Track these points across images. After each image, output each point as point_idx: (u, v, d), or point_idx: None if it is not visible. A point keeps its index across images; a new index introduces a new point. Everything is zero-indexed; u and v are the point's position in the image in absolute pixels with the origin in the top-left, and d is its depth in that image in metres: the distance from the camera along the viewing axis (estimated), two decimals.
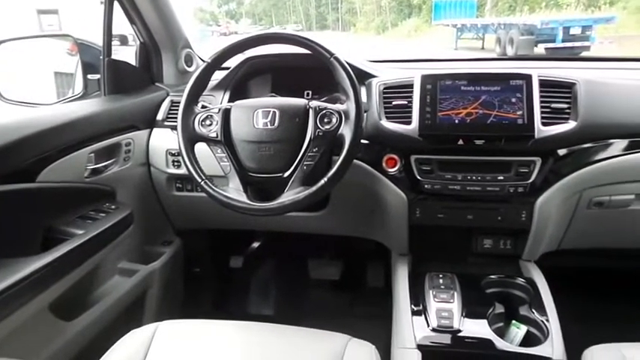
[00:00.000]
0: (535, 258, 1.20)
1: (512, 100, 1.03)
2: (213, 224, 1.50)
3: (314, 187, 0.93)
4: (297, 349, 0.88)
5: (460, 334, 0.96)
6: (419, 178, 1.10)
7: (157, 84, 1.46)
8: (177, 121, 1.01)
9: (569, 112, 1.04)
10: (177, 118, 1.02)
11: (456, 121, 1.05)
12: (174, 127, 1.29)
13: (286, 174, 0.97)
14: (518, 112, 1.03)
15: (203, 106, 1.05)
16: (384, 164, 1.13)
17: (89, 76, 1.40)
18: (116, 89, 1.32)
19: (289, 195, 0.94)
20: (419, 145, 1.08)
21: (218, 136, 0.99)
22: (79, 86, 1.42)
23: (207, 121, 1.00)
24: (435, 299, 1.04)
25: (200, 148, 1.01)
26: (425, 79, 1.08)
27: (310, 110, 0.97)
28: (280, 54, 1.31)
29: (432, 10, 15.59)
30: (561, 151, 1.06)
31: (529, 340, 0.98)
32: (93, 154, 1.14)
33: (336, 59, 0.97)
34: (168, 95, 1.38)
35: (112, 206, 1.17)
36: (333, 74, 0.98)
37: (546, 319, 0.99)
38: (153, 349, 0.87)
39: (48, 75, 1.81)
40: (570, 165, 1.07)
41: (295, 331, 0.93)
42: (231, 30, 26.80)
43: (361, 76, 1.16)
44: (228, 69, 1.31)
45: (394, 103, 1.11)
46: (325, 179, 0.93)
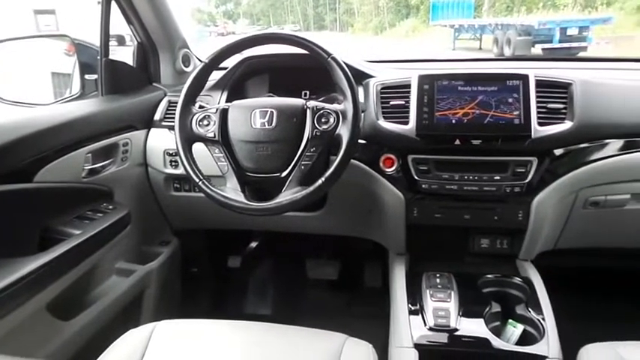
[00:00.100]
0: (531, 257, 1.20)
1: (509, 101, 1.04)
2: (210, 224, 1.50)
3: (311, 187, 0.93)
4: (294, 348, 0.88)
5: (457, 333, 0.97)
6: (416, 177, 1.10)
7: (154, 84, 1.46)
8: (174, 121, 1.01)
9: (565, 113, 1.05)
10: (174, 118, 1.02)
11: (453, 121, 1.05)
12: (171, 128, 1.29)
13: (284, 174, 0.97)
14: (514, 113, 1.03)
15: (201, 106, 1.05)
16: (381, 164, 1.13)
17: (86, 77, 1.40)
18: (113, 89, 1.32)
19: (287, 195, 0.94)
20: (416, 145, 1.08)
21: (215, 136, 0.99)
22: (76, 86, 1.42)
23: (205, 121, 1.01)
24: (432, 298, 1.04)
25: (198, 148, 1.01)
26: (422, 79, 1.08)
27: (308, 110, 0.97)
28: (278, 54, 1.31)
29: (429, 11, 15.62)
30: (558, 151, 1.06)
31: (525, 339, 0.98)
32: (90, 154, 1.14)
33: (334, 59, 0.97)
34: (165, 95, 1.38)
35: (110, 206, 1.17)
36: (330, 74, 0.98)
37: (542, 318, 0.99)
38: (150, 348, 0.87)
39: (45, 75, 1.80)
40: (566, 165, 1.07)
41: (293, 331, 0.93)
42: (229, 30, 26.82)
43: (359, 77, 1.16)
44: (225, 69, 1.31)
45: (391, 103, 1.11)
46: (323, 179, 0.93)
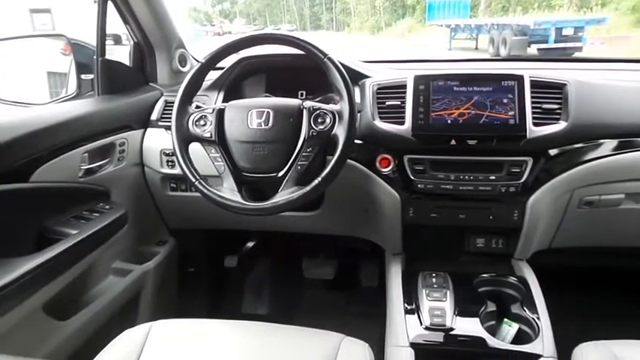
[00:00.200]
0: (527, 257, 1.21)
1: (504, 101, 1.04)
2: (207, 224, 1.49)
3: (308, 187, 0.93)
4: (291, 347, 0.89)
5: (453, 332, 0.97)
6: (412, 177, 1.11)
7: (150, 84, 1.46)
8: (171, 121, 1.01)
9: (560, 113, 1.05)
10: (171, 118, 1.02)
11: (449, 122, 1.05)
12: (168, 127, 1.28)
13: (280, 174, 0.97)
14: (509, 113, 1.04)
15: (197, 107, 1.05)
16: (377, 164, 1.13)
17: (83, 76, 1.40)
18: (110, 89, 1.32)
19: (283, 195, 0.94)
20: (412, 145, 1.08)
21: (212, 136, 0.99)
22: (72, 86, 1.42)
23: (202, 121, 1.01)
24: (428, 298, 1.05)
25: (194, 148, 1.01)
26: (418, 79, 1.09)
27: (304, 110, 0.98)
28: (274, 54, 1.31)
29: (425, 11, 15.63)
30: (552, 151, 1.07)
31: (520, 338, 0.99)
32: (87, 154, 1.14)
33: (330, 60, 0.97)
34: (162, 95, 1.38)
35: (106, 206, 1.17)
36: (326, 75, 0.98)
37: (537, 317, 1.00)
38: (147, 348, 0.87)
39: (41, 75, 1.80)
40: (561, 165, 1.08)
41: (289, 330, 0.94)
42: (225, 30, 26.71)
43: (355, 77, 1.16)
44: (222, 69, 1.31)
45: (387, 103, 1.12)
46: (319, 179, 0.93)
